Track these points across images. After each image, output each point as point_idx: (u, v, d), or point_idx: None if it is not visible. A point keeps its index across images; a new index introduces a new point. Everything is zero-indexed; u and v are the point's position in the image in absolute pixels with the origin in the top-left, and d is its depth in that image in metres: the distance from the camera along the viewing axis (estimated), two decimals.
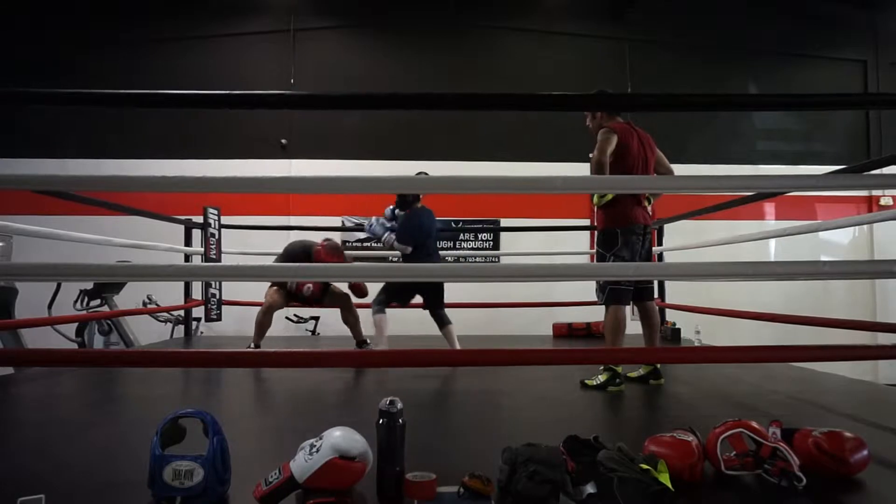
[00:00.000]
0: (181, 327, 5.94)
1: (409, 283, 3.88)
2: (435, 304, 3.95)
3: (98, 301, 5.80)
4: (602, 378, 2.89)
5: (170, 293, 5.66)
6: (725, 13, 8.02)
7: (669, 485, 1.36)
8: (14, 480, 1.54)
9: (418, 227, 3.92)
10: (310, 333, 6.88)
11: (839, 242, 8.03)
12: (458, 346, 3.78)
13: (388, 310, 3.92)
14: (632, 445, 1.49)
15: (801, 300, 6.58)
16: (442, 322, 3.91)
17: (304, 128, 7.50)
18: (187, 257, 5.11)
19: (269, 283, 4.10)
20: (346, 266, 3.74)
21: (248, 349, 3.88)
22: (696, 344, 4.42)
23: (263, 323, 4.00)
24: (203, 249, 5.04)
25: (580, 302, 5.29)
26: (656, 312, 3.28)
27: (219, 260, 5.11)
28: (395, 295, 3.93)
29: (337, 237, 7.13)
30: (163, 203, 5.23)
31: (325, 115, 7.26)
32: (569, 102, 2.79)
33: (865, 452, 1.57)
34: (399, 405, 1.46)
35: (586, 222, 6.27)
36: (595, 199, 3.13)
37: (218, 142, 7.29)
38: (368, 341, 4.05)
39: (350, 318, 4.10)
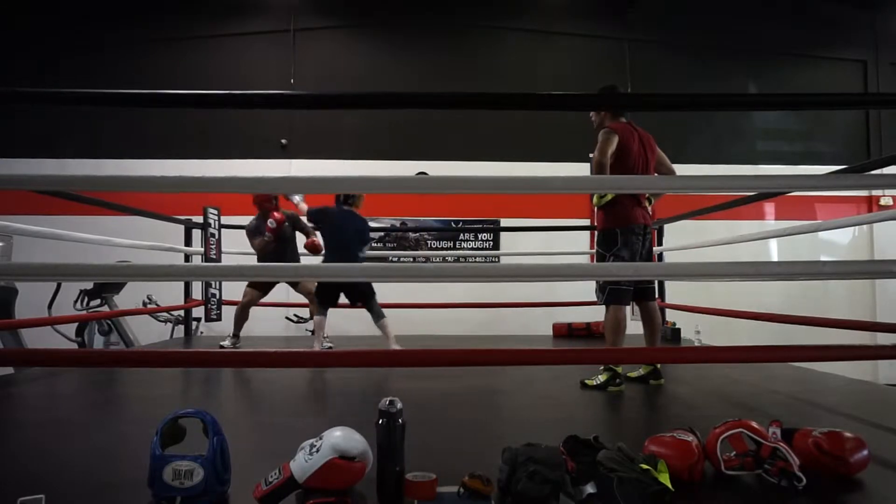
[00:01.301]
0: (181, 327, 5.93)
1: (332, 285, 4.02)
2: (363, 299, 4.06)
3: (98, 301, 5.80)
4: (602, 378, 2.89)
5: (170, 293, 5.66)
6: (725, 13, 8.02)
7: (669, 485, 1.36)
8: (14, 480, 1.54)
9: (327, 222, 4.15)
10: (310, 333, 6.86)
11: (839, 242, 8.02)
12: (392, 339, 3.91)
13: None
14: (632, 445, 1.49)
15: (801, 300, 6.57)
16: (377, 316, 4.01)
17: (304, 128, 7.49)
18: (187, 257, 5.12)
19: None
20: (339, 266, 3.77)
21: (232, 348, 3.91)
22: (696, 344, 4.42)
23: (242, 317, 4.55)
24: (203, 249, 5.04)
25: (580, 302, 5.29)
26: (658, 313, 3.27)
27: (219, 260, 5.11)
28: (323, 298, 4.08)
29: None
30: (163, 203, 5.22)
31: (325, 115, 7.26)
32: (569, 102, 2.80)
33: (865, 452, 1.57)
34: (399, 405, 1.46)
35: (586, 222, 6.27)
36: (595, 199, 3.13)
37: (218, 142, 7.28)
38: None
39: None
